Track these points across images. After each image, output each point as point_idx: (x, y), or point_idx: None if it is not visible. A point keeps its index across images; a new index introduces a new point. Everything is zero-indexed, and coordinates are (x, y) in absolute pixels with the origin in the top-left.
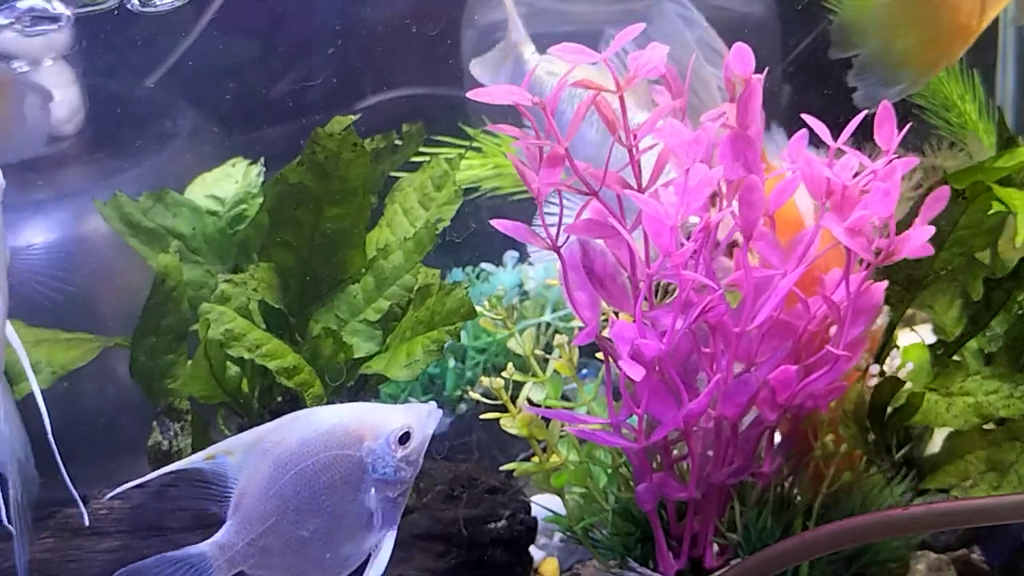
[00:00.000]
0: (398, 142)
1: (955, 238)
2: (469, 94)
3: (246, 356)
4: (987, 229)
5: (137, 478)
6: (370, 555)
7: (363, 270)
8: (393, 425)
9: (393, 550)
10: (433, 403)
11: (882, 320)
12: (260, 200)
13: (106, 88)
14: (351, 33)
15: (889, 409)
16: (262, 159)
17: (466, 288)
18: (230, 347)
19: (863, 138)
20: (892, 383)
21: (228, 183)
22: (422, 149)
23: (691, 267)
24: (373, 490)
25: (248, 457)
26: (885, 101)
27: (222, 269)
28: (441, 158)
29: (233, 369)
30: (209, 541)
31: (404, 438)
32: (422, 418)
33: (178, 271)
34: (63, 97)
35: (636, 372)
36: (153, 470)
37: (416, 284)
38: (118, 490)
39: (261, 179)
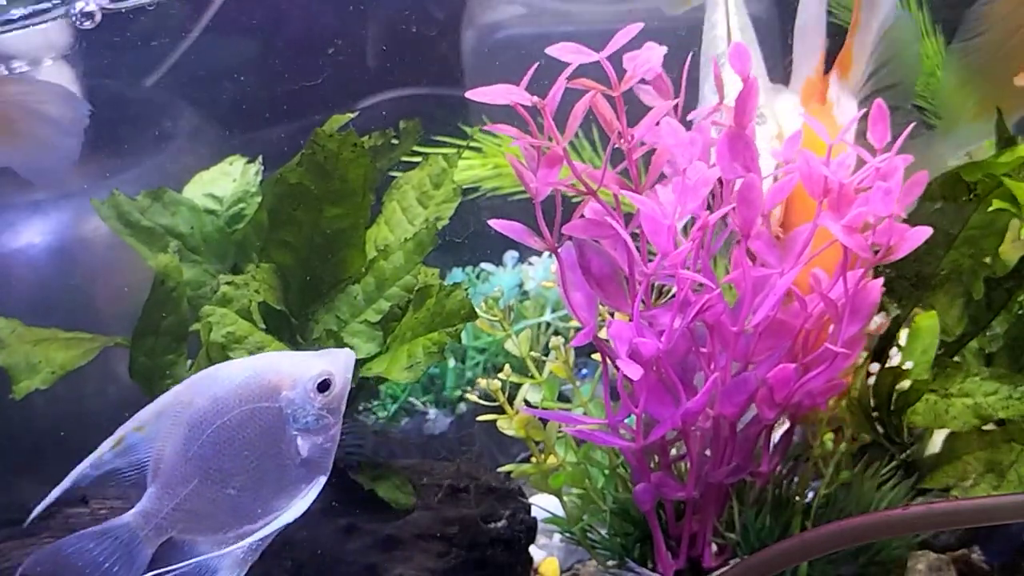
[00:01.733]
0: (394, 140)
1: (965, 237)
2: (468, 94)
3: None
4: (998, 230)
5: None
6: None
7: (363, 270)
8: (311, 372)
9: (393, 550)
10: (349, 349)
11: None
12: (258, 199)
13: (106, 88)
14: (351, 33)
15: (894, 396)
16: (260, 157)
17: (466, 289)
18: (232, 350)
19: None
20: (893, 372)
21: (226, 181)
22: (422, 149)
23: (688, 266)
24: (298, 440)
25: (159, 424)
26: (879, 100)
27: (221, 268)
28: (439, 156)
29: None
30: (132, 511)
31: (324, 385)
32: (340, 363)
33: (177, 271)
34: None
35: (634, 371)
36: None
37: (417, 285)
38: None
39: (259, 178)
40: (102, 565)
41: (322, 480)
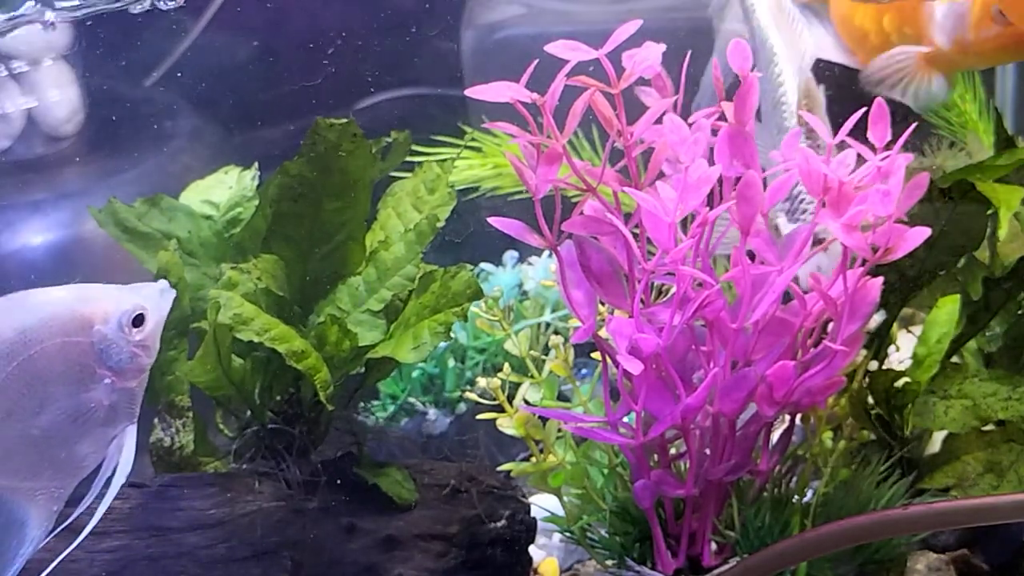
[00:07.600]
0: (389, 141)
1: (944, 236)
2: (468, 91)
3: (255, 339)
4: (978, 227)
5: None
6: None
7: (364, 262)
8: (124, 306)
9: (393, 550)
10: (165, 282)
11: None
12: (255, 203)
13: (106, 88)
14: (351, 33)
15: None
16: (256, 164)
17: (471, 269)
18: (239, 331)
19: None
20: (886, 372)
21: (222, 189)
22: (421, 149)
23: (688, 263)
24: (108, 380)
25: None
26: (880, 99)
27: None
28: (433, 162)
29: (238, 361)
30: None
31: (138, 320)
32: (155, 297)
33: (178, 267)
34: (63, 97)
35: (634, 366)
36: (156, 466)
37: (418, 273)
38: None
39: (255, 183)
40: None
41: (133, 429)
